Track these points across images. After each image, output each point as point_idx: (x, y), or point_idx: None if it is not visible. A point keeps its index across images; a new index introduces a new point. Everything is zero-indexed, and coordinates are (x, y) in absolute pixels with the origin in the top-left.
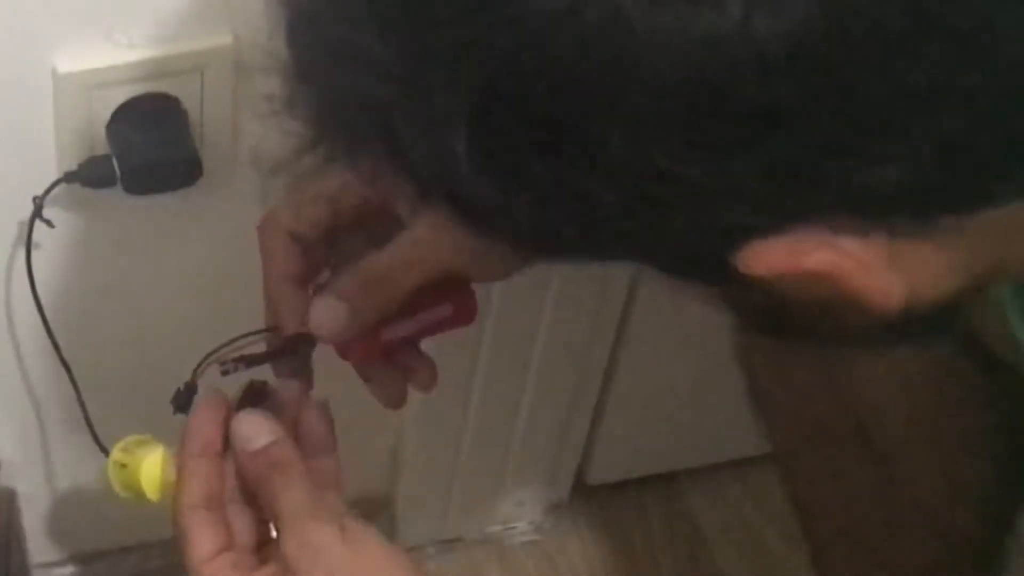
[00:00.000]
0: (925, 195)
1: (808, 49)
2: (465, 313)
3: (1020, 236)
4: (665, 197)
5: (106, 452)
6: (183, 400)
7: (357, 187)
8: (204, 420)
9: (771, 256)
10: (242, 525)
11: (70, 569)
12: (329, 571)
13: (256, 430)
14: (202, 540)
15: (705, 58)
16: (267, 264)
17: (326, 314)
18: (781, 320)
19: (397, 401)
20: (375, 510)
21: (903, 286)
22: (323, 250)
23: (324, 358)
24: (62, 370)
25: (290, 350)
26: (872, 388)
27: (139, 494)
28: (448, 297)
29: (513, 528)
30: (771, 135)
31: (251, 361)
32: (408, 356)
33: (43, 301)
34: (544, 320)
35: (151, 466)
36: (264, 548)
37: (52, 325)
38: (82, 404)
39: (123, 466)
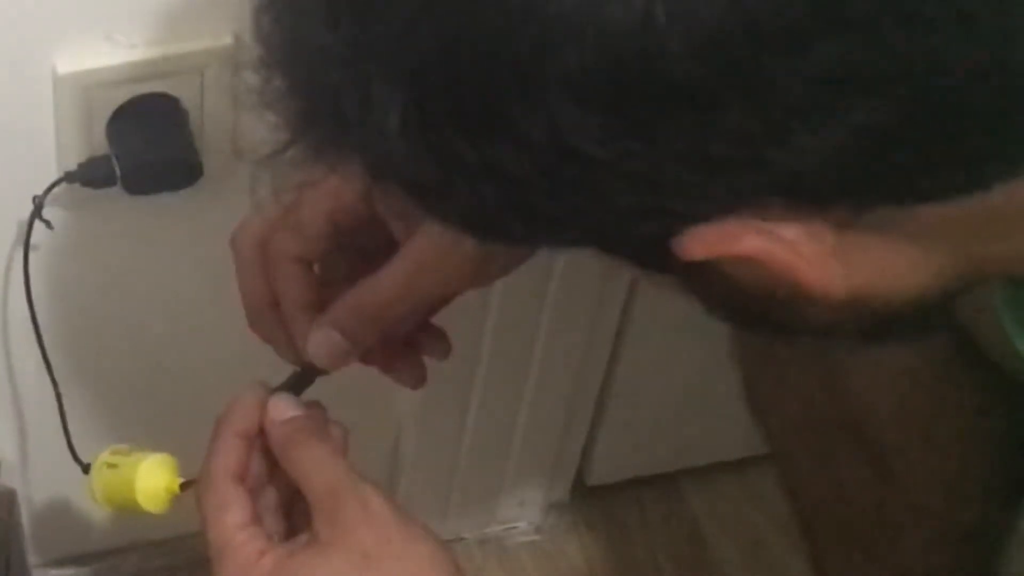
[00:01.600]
0: (858, 185)
1: (713, 38)
2: None
3: (987, 234)
4: (589, 180)
5: (80, 463)
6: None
7: (352, 203)
8: (246, 404)
9: (705, 241)
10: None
11: (70, 569)
12: (385, 538)
13: (288, 406)
14: (239, 508)
15: (613, 46)
16: (281, 294)
17: (325, 348)
18: (745, 313)
19: (419, 380)
20: None
21: (845, 277)
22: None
23: None
24: (61, 370)
25: (312, 378)
26: (869, 389)
27: (126, 500)
28: None
29: (513, 528)
30: (686, 121)
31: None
32: (418, 333)
33: (42, 301)
34: (544, 320)
35: (150, 470)
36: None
37: (51, 325)
38: (63, 415)
39: (112, 467)
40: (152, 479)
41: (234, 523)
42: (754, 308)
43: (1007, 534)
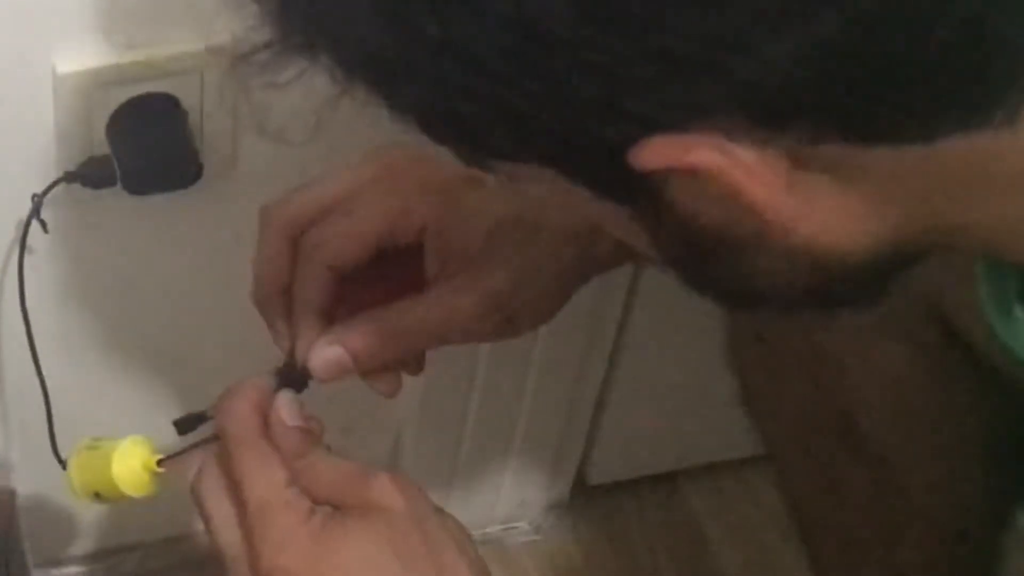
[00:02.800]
0: (812, 105)
1: None
2: None
3: (942, 196)
4: (550, 66)
5: (61, 462)
6: (190, 425)
7: (403, 226)
8: (256, 388)
9: (659, 150)
10: None
11: (70, 569)
12: (420, 499)
13: (297, 413)
14: (282, 466)
15: None
16: (298, 290)
17: (330, 364)
18: (698, 261)
19: (395, 390)
20: None
21: (796, 215)
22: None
23: None
24: (63, 371)
25: (306, 380)
26: (863, 392)
27: (104, 486)
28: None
29: (513, 528)
30: (652, 16)
31: None
32: None
33: (42, 302)
34: None
35: (126, 451)
36: None
37: (50, 326)
38: (49, 415)
39: (89, 453)
40: (128, 459)
41: (283, 479)
42: (706, 254)
43: (1005, 533)
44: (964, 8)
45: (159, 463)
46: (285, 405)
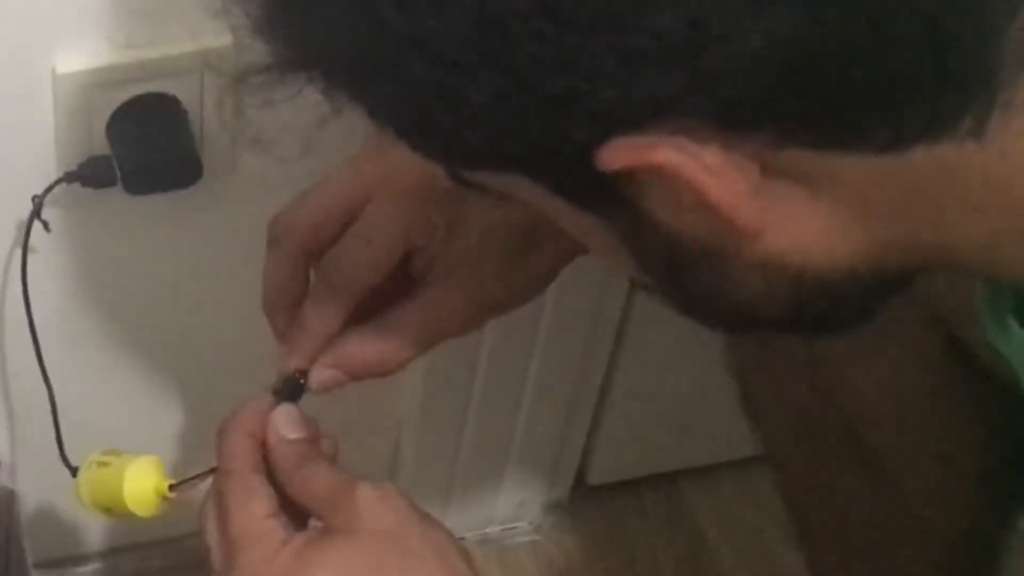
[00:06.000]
0: (776, 106)
1: None
2: None
3: (917, 212)
4: (511, 59)
5: (70, 467)
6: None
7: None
8: (252, 409)
9: (621, 150)
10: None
11: (70, 569)
12: (406, 518)
13: (295, 424)
14: (265, 498)
15: None
16: (309, 312)
17: (328, 384)
18: (677, 275)
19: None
20: None
21: (767, 219)
22: None
23: None
24: (63, 370)
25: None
26: (863, 394)
27: (113, 502)
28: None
29: (513, 528)
30: (610, 9)
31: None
32: None
33: (42, 302)
34: (544, 321)
35: (138, 472)
36: None
37: (50, 326)
38: (55, 418)
39: (101, 468)
40: (140, 481)
41: (262, 512)
42: (684, 268)
43: (1005, 536)
44: (918, 6)
45: (171, 488)
46: (283, 419)
